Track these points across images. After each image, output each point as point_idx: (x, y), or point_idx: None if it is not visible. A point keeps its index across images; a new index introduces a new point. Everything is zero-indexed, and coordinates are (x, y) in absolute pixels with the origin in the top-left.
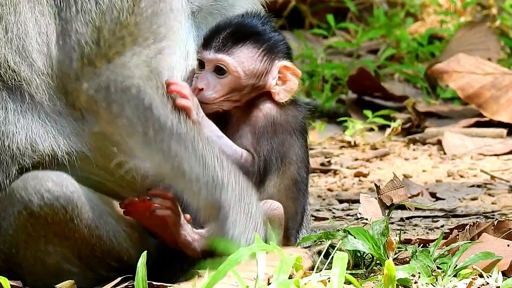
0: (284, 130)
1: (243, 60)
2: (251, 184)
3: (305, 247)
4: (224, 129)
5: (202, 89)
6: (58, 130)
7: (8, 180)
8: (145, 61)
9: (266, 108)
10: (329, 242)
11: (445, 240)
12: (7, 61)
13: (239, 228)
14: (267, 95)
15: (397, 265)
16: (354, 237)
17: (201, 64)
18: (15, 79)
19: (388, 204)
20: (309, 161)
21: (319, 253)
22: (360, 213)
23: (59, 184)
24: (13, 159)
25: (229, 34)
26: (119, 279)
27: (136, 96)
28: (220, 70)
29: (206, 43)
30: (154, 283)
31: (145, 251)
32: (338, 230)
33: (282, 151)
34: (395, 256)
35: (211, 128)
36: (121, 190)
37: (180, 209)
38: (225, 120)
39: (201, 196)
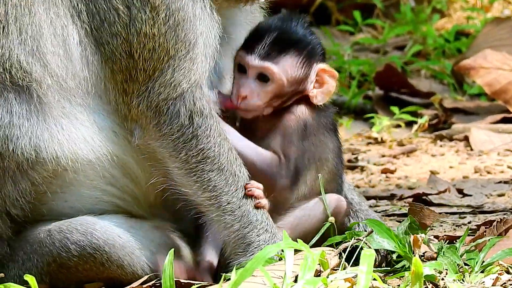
0: (317, 131)
1: (287, 68)
2: (283, 188)
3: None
4: (252, 131)
5: (245, 97)
6: (64, 135)
7: (22, 199)
8: (184, 75)
9: (298, 111)
10: (354, 240)
11: (472, 237)
12: (20, 61)
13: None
14: (300, 98)
15: (424, 261)
16: (379, 236)
17: (241, 68)
18: (25, 79)
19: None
20: (343, 155)
21: (344, 251)
22: None
23: (85, 234)
24: (20, 170)
25: (273, 41)
26: (146, 276)
27: (182, 122)
28: (264, 77)
29: (249, 48)
30: (181, 280)
31: (172, 249)
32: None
33: (316, 151)
34: (422, 253)
35: (229, 131)
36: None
37: None
38: (252, 123)
39: (232, 229)
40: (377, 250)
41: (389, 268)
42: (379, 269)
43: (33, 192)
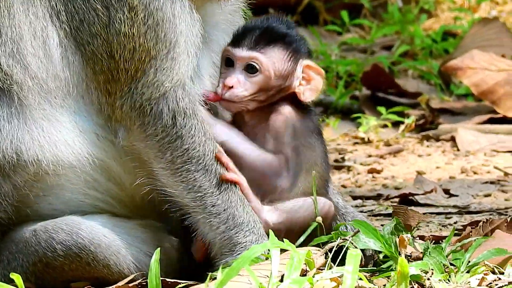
0: (305, 133)
1: (274, 60)
2: (283, 186)
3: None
4: (238, 129)
5: (231, 87)
6: (45, 137)
7: (5, 201)
8: (167, 75)
9: (286, 112)
10: (340, 240)
11: (458, 237)
12: (0, 64)
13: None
14: (287, 99)
15: (410, 261)
16: (365, 236)
17: (229, 62)
18: (6, 82)
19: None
20: (328, 160)
21: (330, 250)
22: None
23: (70, 233)
24: (2, 174)
25: (261, 34)
26: (132, 276)
27: (166, 123)
28: (251, 69)
29: (237, 41)
30: (168, 279)
31: (159, 248)
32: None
33: (306, 153)
34: (409, 253)
35: (230, 132)
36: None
37: None
38: (237, 120)
39: (218, 231)
40: (364, 250)
41: (375, 268)
42: (365, 269)
43: (15, 195)
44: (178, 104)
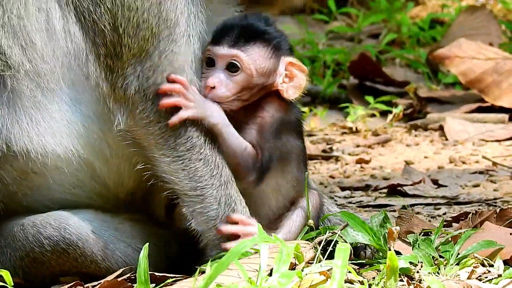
0: (288, 130)
1: (255, 58)
2: (251, 179)
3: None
4: None
5: (213, 87)
6: (33, 128)
7: None
8: (169, 60)
9: (272, 109)
10: (329, 233)
11: (447, 229)
12: (1, 44)
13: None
14: (272, 96)
15: (399, 254)
16: (354, 229)
17: (210, 62)
18: (1, 65)
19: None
20: (307, 160)
21: (319, 244)
22: None
23: (58, 228)
24: None
25: (241, 31)
26: (120, 270)
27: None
28: (233, 67)
29: (217, 40)
30: (156, 274)
31: (147, 244)
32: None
33: (286, 150)
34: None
35: (219, 114)
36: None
37: None
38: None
39: (214, 223)
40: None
41: (364, 261)
42: (354, 262)
43: (4, 191)
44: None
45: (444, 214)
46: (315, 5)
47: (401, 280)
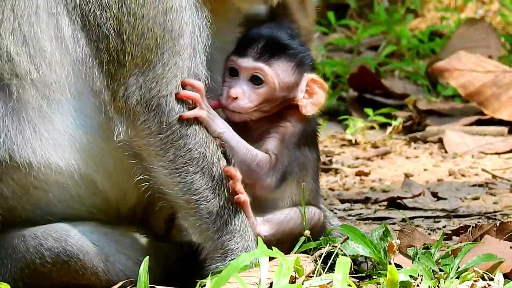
0: (307, 142)
1: (279, 72)
2: (266, 187)
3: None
4: (243, 134)
5: (236, 98)
6: (37, 139)
7: None
8: (173, 72)
9: (294, 120)
10: (329, 246)
11: (447, 242)
12: (9, 51)
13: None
14: (294, 108)
15: (399, 267)
16: (354, 242)
17: (233, 72)
18: (8, 75)
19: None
20: (319, 170)
21: (319, 257)
22: None
23: (59, 240)
24: None
25: (266, 44)
26: (120, 283)
27: (171, 121)
28: (256, 80)
29: (241, 51)
30: (156, 286)
31: (147, 257)
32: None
33: (303, 161)
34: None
35: (226, 127)
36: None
37: None
38: (242, 127)
39: (210, 235)
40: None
41: (364, 274)
42: (354, 275)
43: (3, 204)
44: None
45: (444, 227)
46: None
47: None
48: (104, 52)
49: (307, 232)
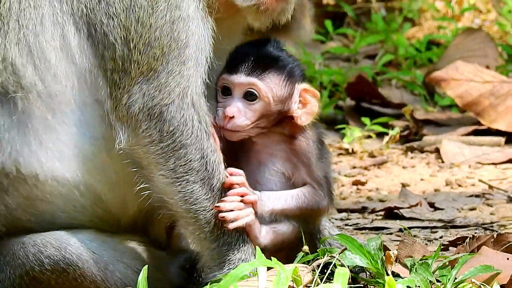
0: (323, 150)
1: (271, 86)
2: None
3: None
4: (244, 155)
5: (232, 117)
6: (42, 151)
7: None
8: (177, 81)
9: (307, 135)
10: (327, 257)
11: (444, 253)
12: (14, 63)
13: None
14: (290, 121)
15: (396, 276)
16: (352, 252)
17: (226, 91)
18: (13, 87)
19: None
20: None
21: (317, 267)
22: None
23: (58, 248)
24: (1, 186)
25: (256, 60)
26: None
27: (173, 130)
28: (250, 96)
29: (232, 68)
30: None
31: (146, 266)
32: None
33: (329, 169)
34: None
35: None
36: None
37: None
38: (243, 150)
39: (208, 245)
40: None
41: (362, 285)
42: (352, 285)
43: (8, 215)
44: (186, 112)
45: (441, 237)
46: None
47: None
48: (109, 60)
49: (305, 248)
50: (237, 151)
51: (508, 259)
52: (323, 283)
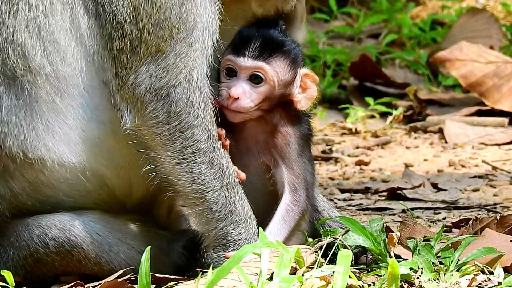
0: (305, 147)
1: (277, 70)
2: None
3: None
4: (236, 140)
5: (237, 98)
6: (49, 135)
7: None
8: (185, 63)
9: (283, 131)
10: (330, 238)
11: (447, 234)
12: (23, 44)
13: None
14: (280, 106)
15: (398, 257)
16: (354, 233)
17: (231, 72)
18: (21, 69)
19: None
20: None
21: (320, 249)
22: None
23: (63, 230)
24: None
25: (262, 43)
26: (121, 271)
27: (180, 110)
28: (256, 79)
29: (239, 50)
30: (157, 275)
31: (149, 247)
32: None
33: (308, 166)
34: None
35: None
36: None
37: None
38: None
39: (214, 225)
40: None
41: (365, 266)
42: (355, 267)
43: (13, 200)
44: (193, 93)
45: (444, 218)
46: (315, 4)
47: (401, 286)
48: (116, 40)
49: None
50: (229, 134)
51: (511, 241)
52: (326, 264)
